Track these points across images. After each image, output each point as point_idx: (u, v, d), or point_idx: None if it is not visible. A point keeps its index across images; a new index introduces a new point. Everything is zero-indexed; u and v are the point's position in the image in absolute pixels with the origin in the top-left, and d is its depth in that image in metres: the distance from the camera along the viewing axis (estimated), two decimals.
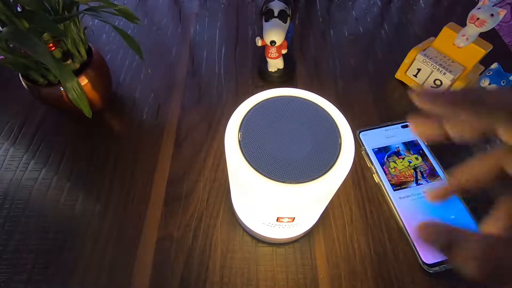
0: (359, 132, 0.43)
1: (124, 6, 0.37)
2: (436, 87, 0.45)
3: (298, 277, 0.33)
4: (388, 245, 0.35)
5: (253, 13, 0.59)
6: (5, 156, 0.41)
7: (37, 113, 0.45)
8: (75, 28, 0.37)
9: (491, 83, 0.38)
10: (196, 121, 0.44)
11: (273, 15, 0.41)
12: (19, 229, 0.36)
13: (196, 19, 0.58)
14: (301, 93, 0.26)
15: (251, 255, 0.34)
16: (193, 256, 0.34)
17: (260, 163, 0.22)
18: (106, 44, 0.53)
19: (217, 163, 0.40)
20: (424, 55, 0.45)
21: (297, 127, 0.24)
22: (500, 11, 0.37)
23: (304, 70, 0.51)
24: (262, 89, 0.29)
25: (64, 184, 0.39)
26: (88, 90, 0.40)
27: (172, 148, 0.42)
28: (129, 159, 0.41)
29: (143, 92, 0.47)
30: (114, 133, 0.43)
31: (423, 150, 0.40)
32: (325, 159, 0.23)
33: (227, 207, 0.37)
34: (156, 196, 0.38)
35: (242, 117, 0.25)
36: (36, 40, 0.29)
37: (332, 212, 0.37)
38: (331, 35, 0.55)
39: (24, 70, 0.36)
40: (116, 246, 0.35)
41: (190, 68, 0.50)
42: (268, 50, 0.45)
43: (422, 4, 0.61)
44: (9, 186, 0.39)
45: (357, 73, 0.50)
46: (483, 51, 0.41)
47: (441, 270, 0.33)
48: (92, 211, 0.37)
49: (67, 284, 0.33)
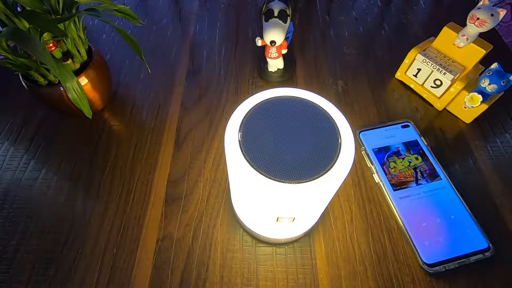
0: (359, 132, 0.43)
1: (124, 6, 0.37)
2: (436, 87, 0.45)
3: (298, 277, 0.33)
4: (388, 245, 0.35)
5: (253, 13, 0.59)
6: (5, 156, 0.41)
7: (37, 113, 0.45)
8: (75, 28, 0.37)
9: (491, 83, 0.38)
10: (196, 121, 0.44)
11: (273, 15, 0.41)
12: (19, 229, 0.36)
13: (196, 19, 0.58)
14: (301, 93, 0.26)
15: (251, 255, 0.34)
16: (193, 256, 0.34)
17: (260, 163, 0.22)
18: (106, 44, 0.53)
19: (217, 163, 0.40)
20: (424, 55, 0.45)
21: (297, 127, 0.24)
22: (500, 11, 0.37)
23: (304, 70, 0.51)
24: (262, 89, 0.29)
25: (64, 184, 0.39)
26: (88, 90, 0.40)
27: (172, 148, 0.42)
28: (129, 159, 0.41)
29: (143, 92, 0.47)
30: (114, 133, 0.43)
31: (423, 150, 0.40)
32: (325, 159, 0.23)
33: (227, 207, 0.37)
34: (156, 196, 0.38)
35: (242, 117, 0.25)
36: (36, 40, 0.29)
37: (332, 212, 0.37)
38: (331, 35, 0.55)
39: (24, 70, 0.36)
40: (116, 246, 0.35)
41: (190, 68, 0.50)
42: (268, 50, 0.45)
43: (422, 4, 0.61)
44: (9, 186, 0.39)
45: (357, 73, 0.50)
46: (483, 51, 0.41)
47: (441, 270, 0.33)
48: (92, 211, 0.37)
49: (67, 284, 0.33)
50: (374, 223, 0.36)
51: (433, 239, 0.34)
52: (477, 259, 0.33)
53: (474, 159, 0.41)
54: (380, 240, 0.35)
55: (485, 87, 0.39)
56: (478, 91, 0.40)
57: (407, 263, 0.34)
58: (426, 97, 0.46)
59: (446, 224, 0.35)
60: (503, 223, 0.36)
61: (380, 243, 0.35)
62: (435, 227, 0.35)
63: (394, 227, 0.36)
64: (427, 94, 0.46)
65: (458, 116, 0.45)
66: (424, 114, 0.46)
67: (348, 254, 0.34)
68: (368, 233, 0.36)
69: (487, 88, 0.39)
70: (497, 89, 0.38)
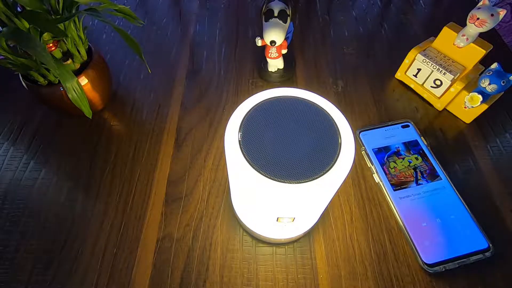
0: (359, 132, 0.43)
1: (124, 6, 0.37)
2: (436, 87, 0.45)
3: (298, 277, 0.33)
4: (388, 245, 0.35)
5: (253, 13, 0.59)
6: (5, 156, 0.41)
7: (37, 113, 0.45)
8: (75, 28, 0.37)
9: (491, 83, 0.38)
10: (196, 121, 0.44)
11: (273, 15, 0.41)
12: (19, 229, 0.36)
13: (196, 19, 0.58)
14: (301, 93, 0.26)
15: (251, 255, 0.34)
16: (193, 256, 0.34)
17: (260, 163, 0.22)
18: (106, 44, 0.53)
19: (217, 163, 0.40)
20: (424, 55, 0.45)
21: (297, 127, 0.24)
22: (500, 11, 0.37)
23: (304, 70, 0.51)
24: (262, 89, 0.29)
25: (64, 184, 0.39)
26: (88, 90, 0.40)
27: (172, 148, 0.42)
28: (129, 159, 0.41)
29: (143, 92, 0.47)
30: (114, 133, 0.43)
31: (423, 150, 0.40)
32: (325, 159, 0.23)
33: (227, 207, 0.37)
34: (156, 196, 0.38)
35: (242, 117, 0.25)
36: (36, 40, 0.29)
37: (332, 212, 0.37)
38: (331, 35, 0.55)
39: (24, 70, 0.36)
40: (116, 246, 0.35)
41: (190, 68, 0.50)
42: (268, 50, 0.45)
43: (422, 4, 0.61)
44: (9, 186, 0.39)
45: (357, 73, 0.50)
46: (483, 51, 0.41)
47: (441, 270, 0.33)
48: (92, 211, 0.37)
49: (67, 284, 0.33)
50: (374, 223, 0.36)
51: (433, 239, 0.34)
52: (477, 259, 0.33)
53: (474, 159, 0.41)
54: (380, 240, 0.35)
55: (485, 87, 0.39)
56: (478, 91, 0.40)
57: (407, 263, 0.34)
58: (426, 97, 0.46)
59: (446, 224, 0.35)
60: (503, 223, 0.36)
61: (380, 243, 0.35)
62: (435, 227, 0.35)
63: (394, 227, 0.36)
64: (427, 94, 0.46)
65: (458, 116, 0.45)
66: (424, 114, 0.46)
67: (348, 254, 0.34)
68: (368, 233, 0.36)
69: (487, 88, 0.39)
70: (497, 89, 0.38)
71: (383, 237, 0.35)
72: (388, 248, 0.35)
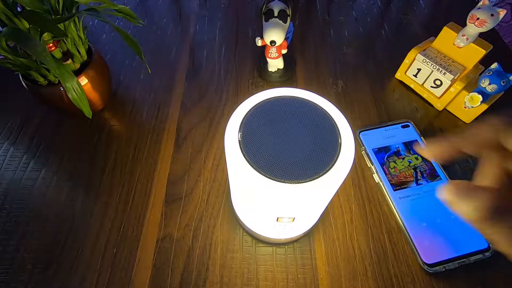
0: (359, 132, 0.43)
1: (124, 6, 0.37)
2: (436, 87, 0.45)
3: (298, 277, 0.33)
4: (388, 245, 0.35)
5: (253, 13, 0.59)
6: (5, 156, 0.41)
7: (37, 113, 0.45)
8: (75, 28, 0.37)
9: (491, 83, 0.38)
10: (196, 121, 0.44)
11: (273, 15, 0.41)
12: (19, 229, 0.36)
13: (196, 19, 0.58)
14: (301, 93, 0.26)
15: (251, 255, 0.34)
16: (193, 256, 0.34)
17: (260, 163, 0.22)
18: (106, 44, 0.53)
19: (217, 163, 0.40)
20: (424, 55, 0.45)
21: (297, 127, 0.24)
22: (500, 11, 0.37)
23: (304, 70, 0.51)
24: (262, 89, 0.29)
25: (64, 184, 0.39)
26: (88, 90, 0.40)
27: (172, 148, 0.42)
28: (129, 159, 0.41)
29: (143, 92, 0.47)
30: (114, 133, 0.43)
31: None
32: (325, 159, 0.23)
33: (227, 207, 0.37)
34: (156, 196, 0.38)
35: (242, 117, 0.25)
36: (36, 40, 0.29)
37: (332, 212, 0.37)
38: (331, 35, 0.55)
39: (24, 70, 0.36)
40: (116, 246, 0.35)
41: (190, 68, 0.50)
42: (268, 50, 0.45)
43: (422, 4, 0.61)
44: (9, 186, 0.39)
45: (357, 73, 0.50)
46: (483, 51, 0.41)
47: (441, 270, 0.33)
48: (92, 211, 0.37)
49: (67, 284, 0.33)
50: (374, 223, 0.36)
51: (433, 239, 0.34)
52: (477, 259, 0.33)
53: (474, 159, 0.41)
54: (380, 240, 0.35)
55: (485, 87, 0.39)
56: (478, 91, 0.40)
57: (407, 263, 0.34)
58: (426, 97, 0.46)
59: (446, 224, 0.35)
60: None
61: (380, 243, 0.35)
62: (435, 227, 0.35)
63: (394, 227, 0.36)
64: (427, 94, 0.46)
65: (458, 116, 0.45)
66: (424, 114, 0.46)
67: (348, 254, 0.34)
68: (368, 233, 0.35)
69: (487, 88, 0.39)
70: (497, 89, 0.38)
71: (383, 237, 0.35)
72: (388, 248, 0.35)
